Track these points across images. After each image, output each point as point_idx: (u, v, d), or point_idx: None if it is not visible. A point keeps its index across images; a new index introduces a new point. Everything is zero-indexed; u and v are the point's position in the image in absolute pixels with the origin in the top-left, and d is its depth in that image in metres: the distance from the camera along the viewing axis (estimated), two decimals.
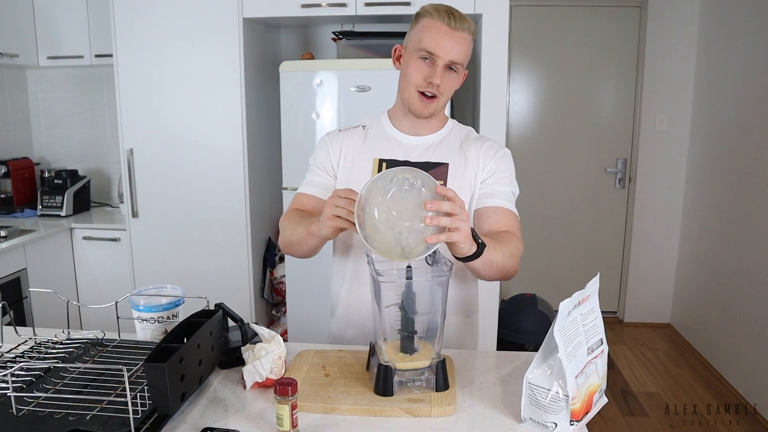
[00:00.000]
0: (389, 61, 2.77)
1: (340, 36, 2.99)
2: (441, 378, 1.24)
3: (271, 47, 3.39)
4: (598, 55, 4.14)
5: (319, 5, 2.83)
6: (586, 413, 1.16)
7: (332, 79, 2.78)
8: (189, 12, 2.92)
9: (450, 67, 1.43)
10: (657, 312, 4.30)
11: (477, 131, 2.87)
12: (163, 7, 2.92)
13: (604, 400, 1.24)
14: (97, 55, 3.30)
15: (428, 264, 1.29)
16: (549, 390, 1.13)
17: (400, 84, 1.51)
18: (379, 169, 1.52)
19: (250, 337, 1.39)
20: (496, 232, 1.46)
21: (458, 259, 1.28)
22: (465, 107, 3.35)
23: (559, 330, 1.11)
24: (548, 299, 3.65)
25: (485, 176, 1.52)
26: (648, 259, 4.25)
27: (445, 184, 1.49)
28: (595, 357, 1.20)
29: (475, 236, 1.25)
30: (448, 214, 1.16)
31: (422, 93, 1.45)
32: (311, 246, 1.47)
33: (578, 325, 1.17)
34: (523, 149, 4.25)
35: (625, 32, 4.09)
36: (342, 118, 2.79)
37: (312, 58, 3.16)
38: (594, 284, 1.20)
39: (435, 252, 1.27)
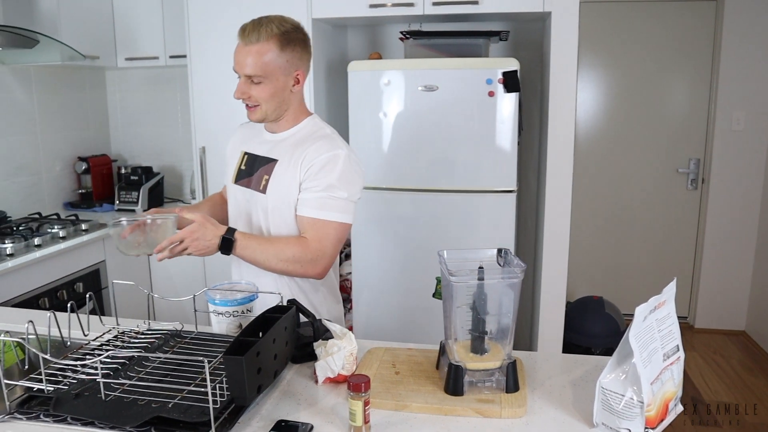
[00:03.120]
0: (457, 60, 2.79)
1: (408, 35, 3.00)
2: (511, 379, 1.24)
3: (339, 47, 3.43)
4: (669, 51, 4.02)
5: (386, 5, 2.85)
6: (661, 421, 1.14)
7: (400, 78, 2.79)
8: (259, 14, 2.96)
9: (252, 80, 1.59)
10: (730, 318, 4.14)
11: (545, 131, 2.85)
12: (234, 10, 3.00)
13: (680, 408, 1.21)
14: (171, 56, 3.41)
15: (500, 265, 1.29)
16: (623, 395, 1.11)
17: None
18: (241, 161, 1.77)
19: (321, 333, 1.42)
20: (291, 237, 1.63)
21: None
22: (532, 106, 3.32)
23: (634, 335, 1.09)
24: (615, 302, 3.57)
25: (303, 178, 1.62)
26: (721, 263, 4.09)
27: (269, 178, 1.66)
28: (671, 363, 1.17)
29: (222, 243, 1.52)
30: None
31: (245, 103, 1.65)
32: None
33: (654, 331, 1.15)
34: (591, 149, 4.17)
35: (700, 27, 3.95)
36: (409, 118, 2.80)
37: (379, 57, 3.18)
38: (671, 289, 1.17)
39: (507, 253, 1.29)
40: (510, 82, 2.66)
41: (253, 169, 1.72)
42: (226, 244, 1.53)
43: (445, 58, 2.83)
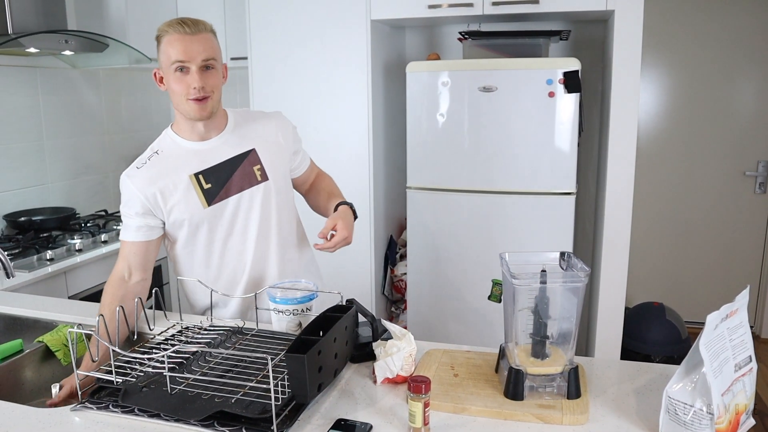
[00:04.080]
0: (517, 60, 2.76)
1: (466, 36, 2.98)
2: (573, 385, 1.22)
3: (396, 48, 3.44)
4: (736, 49, 3.87)
5: (444, 6, 2.84)
6: None
7: (458, 79, 2.78)
8: (319, 15, 3.02)
9: (206, 66, 1.57)
10: None
11: (606, 132, 2.79)
12: (294, 12, 3.04)
13: (752, 422, 1.16)
14: (232, 58, 3.48)
15: (562, 269, 1.27)
16: (692, 406, 1.07)
17: (173, 101, 1.62)
18: (199, 183, 1.64)
19: (380, 334, 1.43)
20: (318, 179, 1.97)
21: None
22: (593, 107, 3.25)
23: (705, 344, 1.06)
24: (677, 309, 3.46)
25: (288, 145, 1.80)
26: None
27: (261, 165, 1.71)
28: (743, 375, 1.13)
29: (354, 212, 1.77)
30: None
31: (194, 99, 1.57)
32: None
33: (725, 340, 1.11)
34: (652, 150, 4.05)
35: None
36: (467, 119, 2.78)
37: (438, 58, 3.17)
38: (743, 297, 1.13)
39: (570, 256, 1.27)
40: (571, 82, 2.62)
41: (224, 177, 1.66)
42: (354, 210, 1.77)
43: (504, 59, 2.80)
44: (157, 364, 1.32)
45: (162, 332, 1.56)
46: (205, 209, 1.65)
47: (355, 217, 1.77)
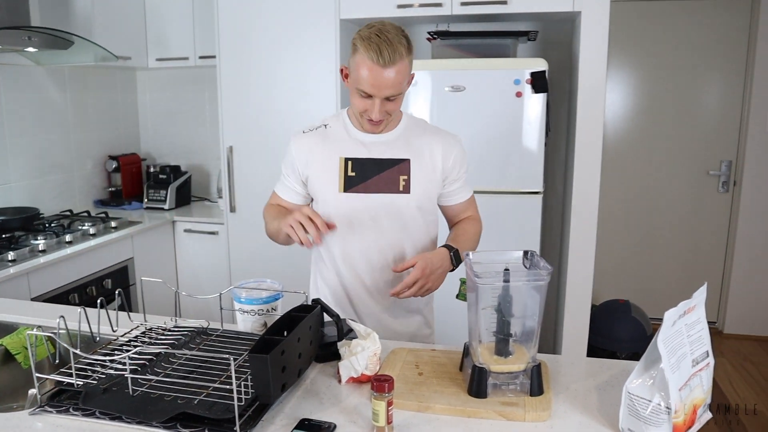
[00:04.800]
0: (485, 60, 2.78)
1: (435, 36, 2.99)
2: (536, 382, 1.23)
3: None
4: (701, 51, 3.95)
5: (414, 5, 2.85)
6: (689, 428, 1.12)
7: (426, 79, 2.79)
8: (288, 14, 3.01)
9: (388, 98, 1.54)
10: (761, 324, 4.06)
11: (573, 132, 2.82)
12: (264, 11, 3.02)
13: (708, 415, 1.19)
14: (201, 57, 3.45)
15: (525, 267, 1.28)
16: (650, 401, 1.09)
17: (350, 102, 1.62)
18: (346, 167, 1.66)
19: (345, 333, 1.43)
20: (464, 222, 1.81)
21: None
22: (560, 107, 3.29)
23: (663, 340, 1.08)
24: (642, 306, 3.52)
25: (449, 171, 1.71)
26: (752, 268, 4.02)
27: (408, 177, 1.66)
28: (700, 369, 1.15)
29: (453, 260, 1.63)
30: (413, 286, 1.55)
31: (369, 120, 1.58)
32: (284, 239, 1.66)
33: (683, 336, 1.13)
34: (619, 150, 4.11)
35: (734, 26, 3.87)
36: (436, 118, 2.79)
37: None
38: (701, 294, 1.15)
39: (533, 255, 1.28)
40: (538, 82, 2.65)
41: (369, 174, 1.66)
42: (456, 259, 1.64)
43: (472, 59, 2.82)
44: (119, 366, 1.31)
45: (125, 333, 1.53)
46: (339, 194, 1.67)
47: (454, 267, 1.65)
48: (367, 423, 1.17)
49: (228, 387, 1.18)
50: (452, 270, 1.65)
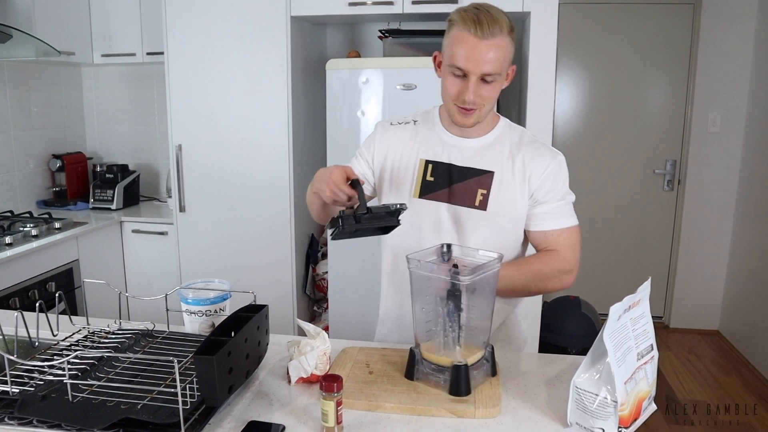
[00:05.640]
0: None
1: (387, 34, 2.99)
2: (490, 365, 1.24)
3: (317, 45, 3.41)
4: (647, 54, 4.05)
5: (366, 3, 2.84)
6: (635, 420, 1.14)
7: (378, 77, 2.78)
8: (238, 11, 2.96)
9: (486, 79, 1.37)
10: (705, 318, 4.19)
11: None
12: (213, 7, 2.97)
13: (653, 407, 1.21)
14: (148, 53, 3.37)
15: (474, 263, 1.28)
16: (597, 395, 1.11)
17: (441, 93, 1.46)
18: (425, 171, 1.52)
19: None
20: (541, 253, 1.54)
21: None
22: (511, 106, 3.32)
23: (608, 334, 1.09)
24: (592, 302, 3.59)
25: (535, 191, 1.49)
26: (696, 264, 4.14)
27: (488, 192, 1.48)
28: (645, 363, 1.17)
29: None
30: None
31: (461, 106, 1.41)
32: (317, 206, 1.57)
33: (628, 330, 1.15)
34: (568, 149, 4.18)
35: (677, 30, 3.99)
36: (387, 117, 2.79)
37: (358, 56, 3.17)
38: (645, 288, 1.18)
39: (450, 249, 1.34)
40: None
41: (447, 181, 1.51)
42: None
43: (424, 57, 2.82)
44: (58, 372, 1.26)
45: (66, 338, 1.48)
46: (412, 198, 1.53)
47: None
48: (317, 423, 1.16)
49: (173, 390, 1.15)
50: None
